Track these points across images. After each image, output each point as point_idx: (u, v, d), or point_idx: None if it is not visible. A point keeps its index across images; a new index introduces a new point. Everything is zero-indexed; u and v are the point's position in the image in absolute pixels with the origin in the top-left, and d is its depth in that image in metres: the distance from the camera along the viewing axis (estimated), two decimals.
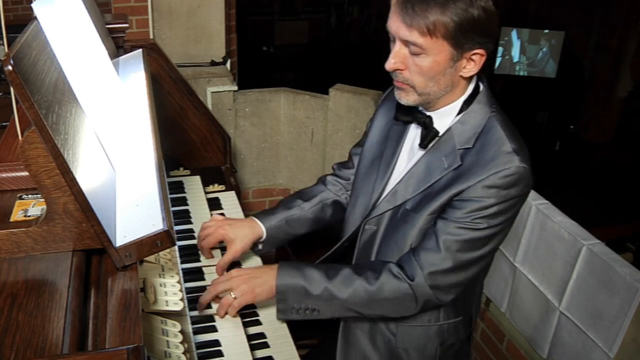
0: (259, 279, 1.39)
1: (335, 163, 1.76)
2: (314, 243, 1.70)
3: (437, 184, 1.33)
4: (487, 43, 1.24)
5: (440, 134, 1.34)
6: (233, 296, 1.38)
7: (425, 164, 1.35)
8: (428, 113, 1.36)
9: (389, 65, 1.27)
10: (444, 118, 1.34)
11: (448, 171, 1.31)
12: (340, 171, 1.71)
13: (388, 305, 1.37)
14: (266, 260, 1.70)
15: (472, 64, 1.26)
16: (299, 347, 1.42)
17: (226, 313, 1.41)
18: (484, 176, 1.26)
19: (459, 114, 1.33)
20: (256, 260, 1.67)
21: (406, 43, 1.24)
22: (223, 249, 1.64)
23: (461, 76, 1.28)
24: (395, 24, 1.23)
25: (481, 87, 1.36)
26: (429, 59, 1.23)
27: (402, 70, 1.27)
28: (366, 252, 1.48)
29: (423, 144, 1.36)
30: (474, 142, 1.30)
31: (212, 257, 1.62)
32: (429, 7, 1.18)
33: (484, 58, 1.26)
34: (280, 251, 2.39)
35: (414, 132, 1.42)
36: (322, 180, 1.73)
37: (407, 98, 1.31)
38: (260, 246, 1.63)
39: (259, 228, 1.59)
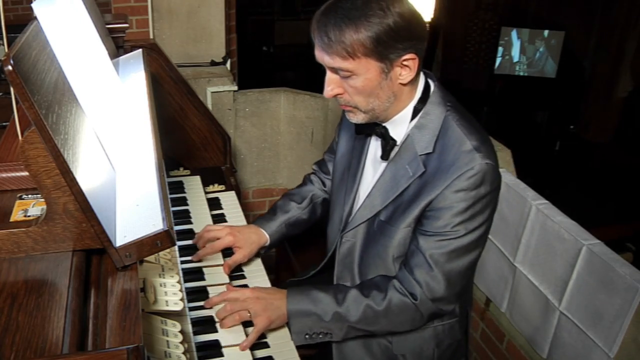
0: (273, 306, 1.40)
1: (314, 162, 1.78)
2: (312, 242, 1.72)
3: (406, 194, 1.33)
4: (415, 46, 1.22)
5: (398, 143, 1.34)
6: (248, 314, 1.39)
7: (390, 174, 1.36)
8: (383, 124, 1.36)
9: (327, 93, 1.28)
10: (398, 126, 1.34)
11: (414, 179, 1.31)
12: (320, 174, 1.75)
13: (397, 322, 1.39)
14: (266, 260, 1.70)
15: (406, 70, 1.25)
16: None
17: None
18: (449, 181, 1.25)
19: (413, 118, 1.32)
20: (257, 262, 1.68)
21: (334, 70, 1.25)
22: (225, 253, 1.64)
23: (401, 84, 1.27)
24: (319, 54, 1.25)
25: (432, 86, 1.34)
26: (360, 79, 1.23)
27: (341, 94, 1.28)
28: (346, 264, 1.49)
29: (384, 156, 1.36)
30: (434, 146, 1.30)
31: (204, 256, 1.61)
32: (342, 31, 1.18)
33: (417, 61, 1.24)
34: (281, 251, 2.39)
35: (375, 144, 1.42)
36: (308, 179, 1.76)
37: (356, 117, 1.32)
38: (261, 251, 1.67)
39: (264, 236, 1.64)
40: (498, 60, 5.08)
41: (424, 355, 1.48)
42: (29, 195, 1.28)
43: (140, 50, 1.79)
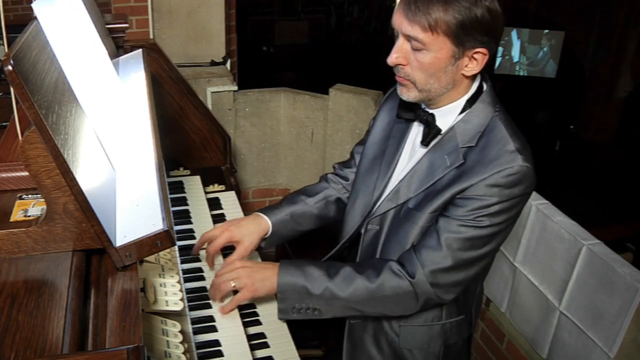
0: (260, 275, 1.39)
1: (336, 162, 1.75)
2: (314, 243, 1.70)
3: (439, 182, 1.32)
4: (490, 43, 1.24)
5: (442, 132, 1.34)
6: (233, 285, 1.39)
7: (427, 162, 1.35)
8: (430, 111, 1.35)
9: (391, 59, 1.28)
10: (446, 116, 1.34)
11: (450, 169, 1.31)
12: (342, 170, 1.70)
13: (389, 303, 1.37)
14: (266, 260, 1.70)
15: (474, 63, 1.26)
16: (302, 358, 1.40)
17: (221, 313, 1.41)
18: (487, 174, 1.26)
19: (461, 112, 1.33)
20: (255, 256, 1.67)
21: (408, 38, 1.24)
22: (226, 255, 1.63)
23: (463, 75, 1.28)
24: (399, 19, 1.24)
25: (485, 86, 1.36)
26: (430, 55, 1.23)
27: (403, 65, 1.28)
28: (370, 252, 1.47)
29: (425, 142, 1.35)
30: (477, 141, 1.30)
31: (213, 267, 1.59)
32: (432, 4, 1.19)
33: (486, 57, 1.26)
34: (281, 251, 2.39)
35: (416, 130, 1.42)
36: (324, 178, 1.73)
37: (408, 94, 1.32)
38: (262, 243, 1.62)
39: (265, 223, 1.59)
40: (498, 60, 5.07)
41: (430, 352, 1.47)
42: (29, 195, 1.28)
43: (140, 50, 1.79)
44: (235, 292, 1.42)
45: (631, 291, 1.58)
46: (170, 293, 1.26)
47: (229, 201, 1.96)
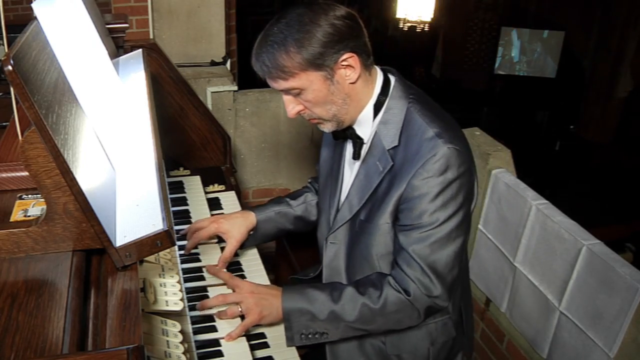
0: (267, 302, 1.40)
1: (310, 177, 1.82)
2: (311, 241, 1.71)
3: (379, 189, 1.35)
4: (348, 45, 1.25)
5: (365, 141, 1.38)
6: (240, 310, 1.39)
7: (364, 172, 1.39)
8: (352, 126, 1.39)
9: (289, 113, 1.33)
10: (363, 125, 1.37)
11: (384, 173, 1.33)
12: (314, 183, 1.77)
13: (393, 319, 1.38)
14: (265, 258, 1.70)
15: (350, 69, 1.28)
16: None
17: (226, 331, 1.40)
18: (414, 170, 1.27)
19: (376, 114, 1.35)
20: (256, 262, 1.67)
21: (284, 91, 1.29)
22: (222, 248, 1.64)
23: (351, 84, 1.30)
24: (268, 82, 1.30)
25: (392, 80, 1.37)
26: (309, 92, 1.27)
27: (302, 110, 1.32)
28: (333, 267, 1.50)
29: (355, 156, 1.40)
30: (399, 139, 1.32)
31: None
32: (274, 55, 1.23)
33: (356, 58, 1.26)
34: (280, 249, 2.39)
35: (349, 146, 1.46)
36: (306, 185, 1.81)
37: (326, 127, 1.37)
38: (255, 242, 1.68)
39: (252, 217, 1.65)
40: (498, 60, 5.08)
41: (419, 354, 1.48)
42: (29, 195, 1.28)
43: (140, 50, 1.79)
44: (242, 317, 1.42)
45: (631, 291, 1.58)
46: (170, 293, 1.26)
47: (229, 201, 1.96)
